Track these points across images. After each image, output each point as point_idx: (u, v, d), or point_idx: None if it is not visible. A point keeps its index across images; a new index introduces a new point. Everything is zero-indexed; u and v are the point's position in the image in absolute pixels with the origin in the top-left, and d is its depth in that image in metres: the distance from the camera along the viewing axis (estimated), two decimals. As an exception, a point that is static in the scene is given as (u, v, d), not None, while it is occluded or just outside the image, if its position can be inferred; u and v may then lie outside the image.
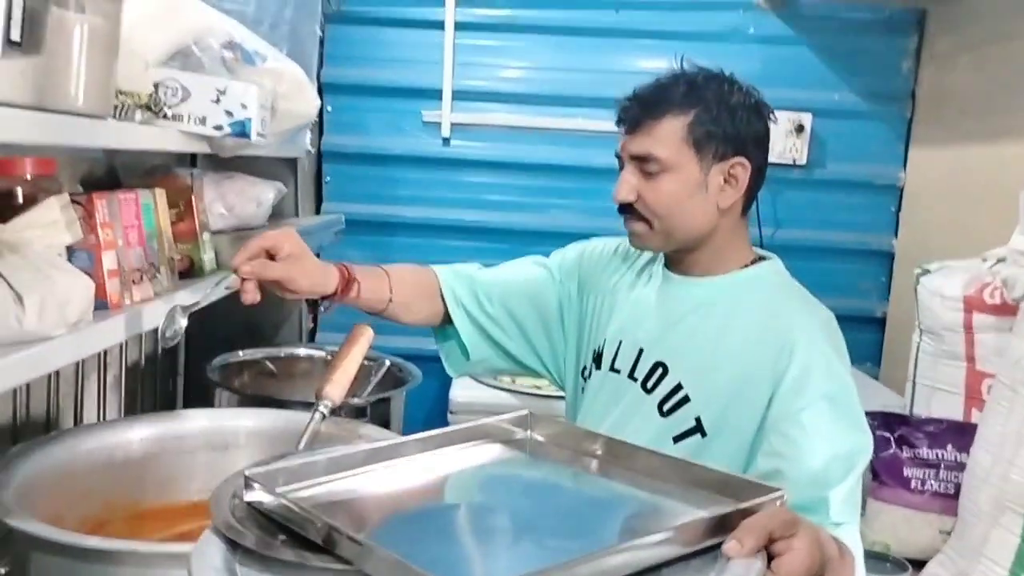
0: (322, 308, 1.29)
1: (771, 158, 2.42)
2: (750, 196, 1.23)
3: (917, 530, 1.60)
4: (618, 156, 1.24)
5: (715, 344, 1.18)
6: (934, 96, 2.47)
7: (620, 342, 1.28)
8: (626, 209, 1.22)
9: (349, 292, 1.24)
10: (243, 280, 1.11)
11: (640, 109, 1.20)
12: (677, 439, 1.18)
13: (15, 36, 0.80)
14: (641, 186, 1.19)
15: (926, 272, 1.80)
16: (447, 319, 1.39)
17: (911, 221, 2.55)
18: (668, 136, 1.17)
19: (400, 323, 1.37)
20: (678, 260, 1.26)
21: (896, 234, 2.59)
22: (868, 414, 1.64)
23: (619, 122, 1.23)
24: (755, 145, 1.21)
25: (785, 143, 2.53)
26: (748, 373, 1.14)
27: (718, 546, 0.75)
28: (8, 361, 0.84)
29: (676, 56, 1.25)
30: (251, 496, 0.83)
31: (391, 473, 0.93)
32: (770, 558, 0.76)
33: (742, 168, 1.19)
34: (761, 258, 1.27)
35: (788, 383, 1.10)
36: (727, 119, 1.18)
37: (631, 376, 1.25)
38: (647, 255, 1.32)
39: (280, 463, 0.88)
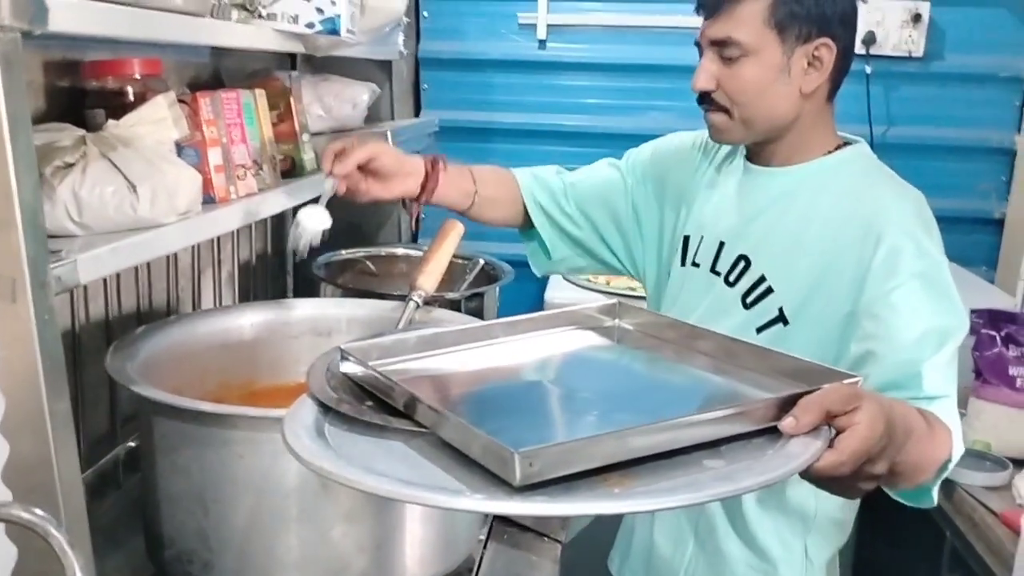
0: (417, 207, 1.34)
1: (885, 50, 2.37)
2: (836, 80, 1.19)
3: (1020, 429, 1.56)
4: (697, 44, 1.20)
5: (797, 233, 1.16)
6: (1068, -23, 2.28)
7: (701, 237, 1.27)
8: (705, 99, 1.19)
9: (436, 175, 1.28)
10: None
11: None
12: (760, 330, 1.17)
13: (115, -64, 0.86)
14: (720, 73, 1.16)
15: (1045, 165, 1.70)
16: (528, 221, 1.42)
17: (1037, 115, 2.39)
18: (749, 18, 1.13)
19: (485, 221, 1.41)
20: (758, 151, 1.23)
21: (1019, 130, 2.44)
22: (974, 311, 1.61)
23: (698, 8, 1.19)
24: (841, 24, 1.15)
25: (900, 34, 2.40)
26: (832, 260, 1.12)
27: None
28: (125, 243, 0.92)
29: None
30: (345, 367, 0.89)
31: (479, 353, 0.98)
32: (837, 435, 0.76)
33: (827, 50, 1.14)
34: (847, 144, 1.23)
35: (877, 267, 1.08)
36: None
37: (713, 270, 1.24)
38: (726, 149, 1.30)
39: (374, 340, 0.94)
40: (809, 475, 0.75)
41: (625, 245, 1.41)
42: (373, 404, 0.85)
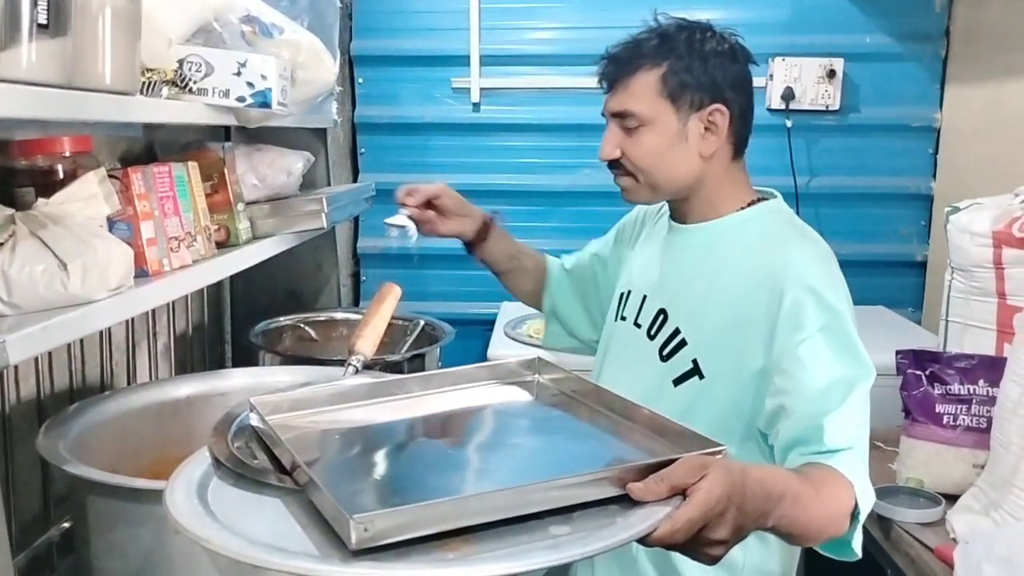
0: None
1: (803, 105, 2.48)
2: (738, 141, 1.24)
3: (950, 465, 1.60)
4: (604, 115, 1.27)
5: (709, 287, 1.21)
6: (968, 33, 2.42)
7: (628, 292, 1.33)
8: (613, 165, 1.25)
9: (493, 227, 1.49)
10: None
11: (614, 67, 1.23)
12: (677, 382, 1.20)
13: (43, 20, 0.87)
14: (623, 142, 1.22)
15: (955, 210, 1.78)
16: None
17: (949, 162, 2.52)
18: (643, 90, 1.19)
19: (514, 289, 1.56)
20: (678, 210, 1.29)
21: (934, 176, 2.56)
22: (899, 352, 1.67)
23: (600, 81, 1.26)
24: (733, 90, 1.21)
25: (817, 89, 2.52)
26: (741, 314, 1.16)
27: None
28: (56, 321, 0.91)
29: (652, 10, 1.26)
30: (252, 420, 0.91)
31: (390, 407, 0.99)
32: None
33: (720, 115, 1.20)
34: (762, 199, 1.28)
35: (783, 322, 1.11)
36: (700, 67, 1.19)
37: (636, 323, 1.29)
38: (664, 212, 1.36)
39: (286, 393, 0.95)
40: (647, 543, 0.78)
41: (602, 313, 1.47)
42: (268, 458, 0.86)
